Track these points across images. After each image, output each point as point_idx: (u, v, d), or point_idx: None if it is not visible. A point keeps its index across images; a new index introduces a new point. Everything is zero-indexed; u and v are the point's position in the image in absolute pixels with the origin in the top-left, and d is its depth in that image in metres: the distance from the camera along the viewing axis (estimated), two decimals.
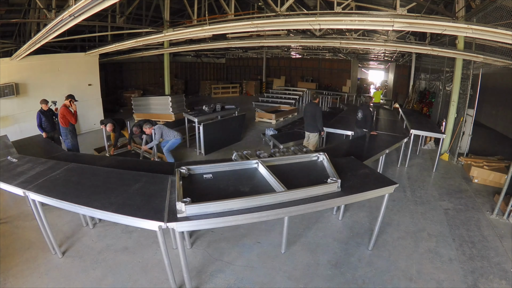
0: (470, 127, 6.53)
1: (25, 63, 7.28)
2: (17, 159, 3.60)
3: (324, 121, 5.88)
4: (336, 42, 7.44)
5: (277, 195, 2.62)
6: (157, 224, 2.29)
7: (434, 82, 9.99)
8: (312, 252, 3.44)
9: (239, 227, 3.80)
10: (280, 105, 12.91)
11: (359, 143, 5.28)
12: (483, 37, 4.21)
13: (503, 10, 4.03)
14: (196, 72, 19.10)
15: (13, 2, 6.61)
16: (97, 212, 2.49)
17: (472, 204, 4.69)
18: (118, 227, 3.76)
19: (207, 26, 5.80)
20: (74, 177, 3.10)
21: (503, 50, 4.96)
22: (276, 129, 8.04)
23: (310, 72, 19.54)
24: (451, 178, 5.77)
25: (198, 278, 2.98)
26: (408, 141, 6.12)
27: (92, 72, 9.06)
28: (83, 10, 3.89)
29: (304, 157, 3.57)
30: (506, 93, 8.21)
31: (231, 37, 8.44)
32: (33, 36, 5.85)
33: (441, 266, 3.25)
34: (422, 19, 4.21)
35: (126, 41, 8.00)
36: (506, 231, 3.94)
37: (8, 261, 3.14)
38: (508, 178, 4.11)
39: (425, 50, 6.51)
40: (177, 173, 2.84)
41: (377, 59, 18.90)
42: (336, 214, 4.25)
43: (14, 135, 5.61)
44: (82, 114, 8.48)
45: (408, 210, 4.47)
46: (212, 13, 7.56)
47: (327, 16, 4.71)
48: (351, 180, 3.12)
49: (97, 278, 2.95)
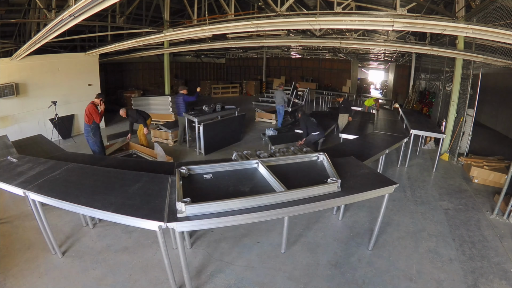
0: (470, 127, 6.53)
1: (25, 63, 7.28)
2: (17, 159, 3.60)
3: (324, 123, 6.02)
4: (336, 42, 7.44)
5: (277, 195, 2.62)
6: (157, 224, 2.29)
7: (434, 82, 9.99)
8: (312, 252, 3.44)
9: (239, 227, 3.80)
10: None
11: (359, 143, 5.28)
12: (483, 37, 4.21)
13: (503, 10, 4.02)
14: (196, 72, 19.10)
15: (13, 2, 6.61)
16: (97, 212, 2.49)
17: (472, 204, 4.69)
18: (118, 227, 3.76)
19: (207, 26, 5.80)
20: (74, 177, 3.10)
21: (503, 50, 4.96)
22: (276, 129, 8.04)
23: (310, 72, 19.52)
24: (451, 178, 5.77)
25: (198, 278, 2.98)
26: (408, 141, 6.12)
27: (92, 72, 9.06)
28: (83, 10, 3.89)
29: (304, 157, 3.57)
30: (506, 93, 8.19)
31: (231, 37, 8.44)
32: (33, 36, 5.85)
33: (441, 266, 3.25)
34: (422, 19, 4.21)
35: (126, 41, 8.00)
36: (506, 231, 3.94)
37: (8, 261, 3.14)
38: (508, 178, 4.11)
39: (425, 50, 6.51)
40: (177, 173, 2.84)
41: (377, 59, 18.89)
42: (336, 214, 4.25)
43: (14, 135, 5.60)
44: (82, 114, 8.47)
45: (408, 210, 4.47)
46: (212, 13, 7.55)
47: (327, 16, 4.71)
48: (351, 180, 3.12)
49: (97, 278, 2.95)
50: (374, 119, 7.61)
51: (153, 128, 8.02)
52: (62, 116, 7.72)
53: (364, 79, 23.81)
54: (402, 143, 5.77)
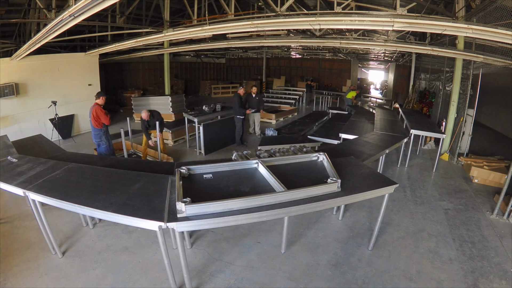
0: (470, 127, 6.53)
1: (25, 63, 7.28)
2: (17, 159, 3.60)
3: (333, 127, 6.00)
4: (336, 42, 7.44)
5: (277, 195, 2.62)
6: (157, 224, 2.29)
7: (434, 82, 10.00)
8: (312, 252, 3.44)
9: (239, 227, 3.80)
10: (280, 105, 12.91)
11: (359, 143, 5.28)
12: (483, 37, 4.21)
13: (503, 10, 4.03)
14: (196, 72, 19.10)
15: (13, 2, 6.61)
16: (97, 212, 2.49)
17: (472, 204, 4.69)
18: (118, 227, 3.76)
19: (207, 26, 5.81)
20: (74, 177, 3.10)
21: (503, 50, 4.96)
22: (276, 129, 8.03)
23: (310, 72, 19.53)
24: (451, 178, 5.77)
25: (198, 278, 2.98)
26: (408, 141, 6.12)
27: (92, 72, 9.06)
28: (83, 10, 3.89)
29: (304, 157, 3.57)
30: (506, 93, 8.20)
31: (231, 37, 8.44)
32: (33, 36, 5.85)
33: (441, 266, 3.25)
34: (422, 19, 4.21)
35: (126, 41, 8.01)
36: (506, 231, 3.94)
37: (8, 261, 3.14)
38: (508, 178, 4.11)
39: (425, 50, 6.52)
40: (177, 173, 2.84)
41: (377, 59, 18.91)
42: (336, 214, 4.25)
43: (14, 135, 5.60)
44: (82, 114, 8.51)
45: (408, 210, 4.47)
46: (212, 13, 7.56)
47: (327, 16, 4.71)
48: (351, 180, 3.12)
49: (97, 278, 2.95)
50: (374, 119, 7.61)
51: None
52: (62, 116, 7.72)
53: (364, 79, 23.83)
54: (402, 143, 5.77)
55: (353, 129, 6.48)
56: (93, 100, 5.33)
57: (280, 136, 7.23)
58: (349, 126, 6.79)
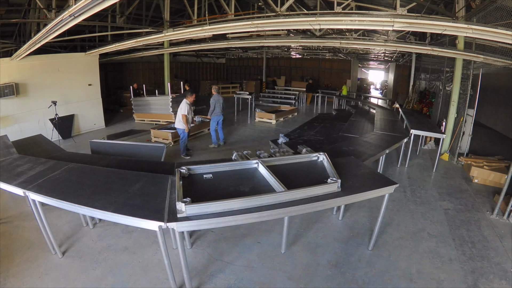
0: (470, 127, 6.53)
1: (25, 63, 7.28)
2: (17, 159, 3.59)
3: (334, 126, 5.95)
4: (336, 42, 7.44)
5: (277, 195, 2.62)
6: (157, 224, 2.28)
7: (434, 82, 9.98)
8: (312, 252, 3.44)
9: (239, 227, 3.80)
10: (280, 105, 12.91)
11: (359, 143, 5.28)
12: (483, 37, 4.21)
13: (503, 10, 4.03)
14: (196, 72, 19.10)
15: (13, 2, 6.62)
16: (97, 212, 2.49)
17: (472, 204, 4.69)
18: (118, 227, 3.76)
19: (207, 26, 5.80)
20: (74, 177, 3.10)
21: (503, 50, 4.96)
22: (286, 135, 7.65)
23: (310, 72, 19.53)
24: (451, 178, 5.77)
25: (198, 278, 2.98)
26: (408, 141, 6.12)
27: (92, 72, 9.05)
28: (83, 10, 3.89)
29: (304, 157, 3.57)
30: (506, 93, 8.20)
31: (231, 37, 8.44)
32: (33, 36, 5.85)
33: (441, 266, 3.25)
34: (422, 19, 4.21)
35: (126, 41, 8.01)
36: (506, 231, 3.94)
37: (8, 261, 3.14)
38: (508, 178, 4.11)
39: (425, 50, 6.52)
40: (177, 173, 2.84)
41: (377, 59, 18.90)
42: (336, 214, 4.25)
43: (14, 135, 5.59)
44: (82, 114, 8.52)
45: (408, 210, 4.47)
46: (212, 13, 7.57)
47: (327, 16, 4.71)
48: (351, 180, 3.12)
49: (97, 278, 2.95)
50: (374, 119, 7.61)
51: (153, 128, 8.03)
52: (62, 116, 7.71)
53: (364, 79, 23.82)
54: (402, 143, 5.77)
55: (353, 129, 6.49)
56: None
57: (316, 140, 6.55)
58: (349, 126, 6.79)
